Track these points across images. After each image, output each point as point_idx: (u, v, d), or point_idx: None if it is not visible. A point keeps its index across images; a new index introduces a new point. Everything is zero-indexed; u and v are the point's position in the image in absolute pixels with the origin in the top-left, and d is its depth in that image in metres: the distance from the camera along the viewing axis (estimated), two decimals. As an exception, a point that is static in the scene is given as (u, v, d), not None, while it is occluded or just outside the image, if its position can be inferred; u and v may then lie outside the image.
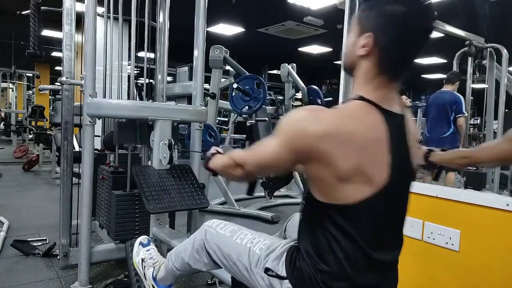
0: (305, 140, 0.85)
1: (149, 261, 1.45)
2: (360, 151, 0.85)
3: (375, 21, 0.89)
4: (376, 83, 0.91)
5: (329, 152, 0.84)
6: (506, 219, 1.25)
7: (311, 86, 4.71)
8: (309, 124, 0.85)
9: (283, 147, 0.90)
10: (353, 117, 0.88)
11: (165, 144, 2.07)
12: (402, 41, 0.88)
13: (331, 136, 0.84)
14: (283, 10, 6.31)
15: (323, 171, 0.87)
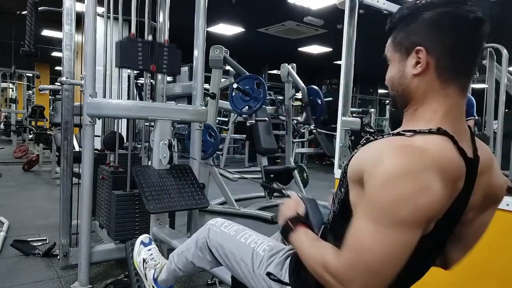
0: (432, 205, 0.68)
1: (151, 262, 1.45)
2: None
3: (418, 34, 0.77)
4: (448, 101, 0.77)
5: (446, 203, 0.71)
6: (506, 219, 1.25)
7: (311, 86, 4.71)
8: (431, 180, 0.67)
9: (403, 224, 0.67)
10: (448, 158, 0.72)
11: (165, 144, 2.07)
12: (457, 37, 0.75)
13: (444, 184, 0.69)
14: (283, 10, 6.31)
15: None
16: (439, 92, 0.77)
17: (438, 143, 0.72)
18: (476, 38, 0.76)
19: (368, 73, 11.14)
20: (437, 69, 0.76)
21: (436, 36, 0.76)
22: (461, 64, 0.77)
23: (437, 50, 0.76)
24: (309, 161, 7.76)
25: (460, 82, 0.78)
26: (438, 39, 0.76)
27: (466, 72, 0.79)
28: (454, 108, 0.78)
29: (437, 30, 0.76)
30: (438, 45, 0.76)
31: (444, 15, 0.76)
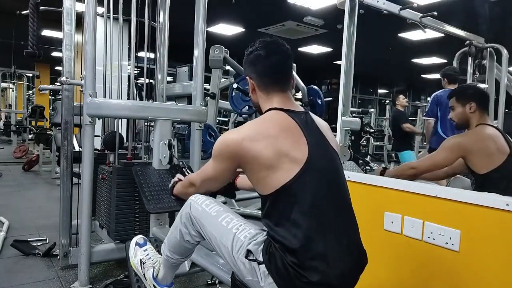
0: (232, 147, 1.13)
1: (148, 261, 1.45)
2: (275, 139, 1.11)
3: (246, 68, 1.29)
4: (271, 98, 1.24)
5: (253, 149, 1.10)
6: (506, 219, 1.25)
7: (311, 86, 4.70)
8: (232, 136, 1.15)
9: (219, 159, 1.19)
10: (266, 120, 1.18)
11: (165, 144, 2.07)
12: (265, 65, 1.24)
13: (250, 138, 1.11)
14: (283, 10, 6.31)
15: (254, 166, 1.11)
16: (266, 99, 1.26)
17: (267, 114, 1.21)
18: (268, 63, 1.24)
19: (368, 73, 11.15)
20: (258, 87, 1.27)
21: (249, 68, 1.27)
22: (268, 79, 1.25)
23: (253, 76, 1.27)
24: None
25: (275, 87, 1.24)
26: (251, 69, 1.27)
27: (276, 81, 1.25)
28: (280, 100, 1.24)
29: (248, 64, 1.28)
30: (252, 73, 1.27)
31: (250, 56, 1.27)
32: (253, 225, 1.18)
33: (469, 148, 1.86)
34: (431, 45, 7.71)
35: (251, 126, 1.18)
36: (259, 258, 1.08)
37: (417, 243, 1.49)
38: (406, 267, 1.39)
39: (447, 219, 1.41)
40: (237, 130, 1.18)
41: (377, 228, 1.58)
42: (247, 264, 1.09)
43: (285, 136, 1.12)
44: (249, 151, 1.10)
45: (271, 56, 1.23)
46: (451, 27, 2.85)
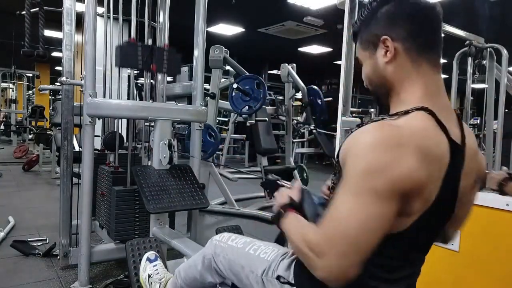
0: (403, 174, 0.69)
1: (155, 276, 1.45)
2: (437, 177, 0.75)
3: (379, 27, 0.85)
4: (423, 79, 0.82)
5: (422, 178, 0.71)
6: (506, 219, 1.25)
7: (311, 86, 4.71)
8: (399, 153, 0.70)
9: (377, 195, 0.69)
10: (428, 135, 0.75)
11: (165, 144, 2.07)
12: (414, 20, 0.83)
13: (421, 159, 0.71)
14: (283, 10, 6.31)
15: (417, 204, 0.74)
16: (412, 72, 0.83)
17: (418, 121, 0.76)
18: (430, 18, 0.84)
19: (368, 73, 11.12)
20: (405, 51, 0.83)
21: (396, 24, 0.83)
22: (424, 42, 0.84)
23: (400, 36, 0.83)
24: (309, 161, 7.77)
25: (429, 58, 0.84)
26: (398, 26, 0.83)
27: (431, 48, 0.84)
28: (430, 85, 0.83)
29: (395, 19, 0.84)
30: (400, 31, 0.83)
31: (398, 5, 0.84)
32: (278, 245, 1.09)
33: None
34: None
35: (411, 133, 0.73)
36: (291, 280, 0.95)
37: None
38: (406, 267, 1.38)
39: (447, 219, 1.40)
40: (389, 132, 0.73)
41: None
42: (279, 286, 0.97)
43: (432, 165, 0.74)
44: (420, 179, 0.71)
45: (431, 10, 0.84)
46: (451, 27, 2.85)
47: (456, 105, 5.48)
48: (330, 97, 5.55)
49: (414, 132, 0.73)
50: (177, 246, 1.82)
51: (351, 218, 0.70)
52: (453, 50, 3.66)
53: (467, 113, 4.13)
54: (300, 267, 0.93)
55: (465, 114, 4.21)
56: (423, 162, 0.71)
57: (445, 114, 0.80)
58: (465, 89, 3.85)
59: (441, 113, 0.78)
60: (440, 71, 0.85)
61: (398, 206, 0.71)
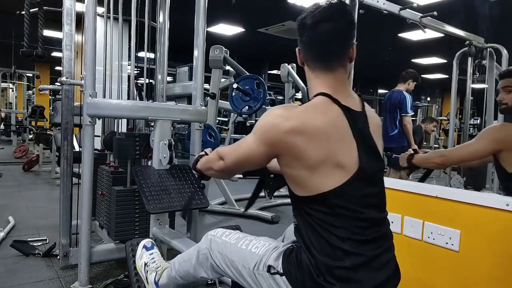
0: (276, 134, 0.97)
1: (152, 265, 1.45)
2: (325, 140, 0.96)
3: (298, 42, 1.10)
4: (320, 80, 1.07)
5: (298, 145, 0.95)
6: (506, 219, 1.25)
7: (311, 86, 4.71)
8: (280, 121, 0.97)
9: (258, 140, 1.02)
10: (317, 110, 1.00)
11: (165, 144, 2.07)
12: (314, 36, 1.06)
13: (298, 131, 0.95)
14: (283, 10, 6.31)
15: (294, 163, 0.98)
16: (311, 75, 1.09)
17: (313, 102, 1.03)
18: (318, 33, 1.05)
19: (368, 73, 11.13)
20: (306, 62, 1.10)
21: (299, 40, 1.10)
22: (315, 54, 1.08)
23: (302, 47, 1.10)
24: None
25: (321, 65, 1.07)
26: (300, 43, 1.10)
27: (321, 57, 1.07)
28: (329, 82, 1.06)
29: (299, 36, 1.09)
30: (302, 44, 1.09)
31: (298, 24, 1.09)
32: (271, 239, 1.16)
33: (509, 143, 1.65)
34: (431, 45, 7.71)
35: (301, 113, 0.98)
36: (280, 269, 1.03)
37: (417, 243, 1.49)
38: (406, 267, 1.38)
39: (447, 219, 1.41)
40: (287, 113, 0.98)
41: (377, 228, 1.58)
42: (269, 279, 1.04)
43: (335, 135, 0.97)
44: (294, 147, 0.95)
45: (319, 25, 1.03)
46: (451, 27, 2.86)
47: (456, 105, 5.49)
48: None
49: (302, 110, 1.00)
50: (177, 246, 1.82)
51: (245, 146, 1.07)
52: (453, 50, 3.66)
53: (467, 113, 4.14)
54: (288, 257, 1.03)
55: (465, 114, 4.22)
56: (299, 132, 0.95)
57: (343, 96, 1.03)
58: (465, 89, 3.85)
59: (337, 95, 1.02)
60: (335, 71, 1.06)
61: (268, 151, 1.02)
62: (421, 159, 1.88)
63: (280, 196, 4.73)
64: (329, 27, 1.03)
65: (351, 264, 0.95)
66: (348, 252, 0.95)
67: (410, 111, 4.02)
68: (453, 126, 4.55)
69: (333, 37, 1.04)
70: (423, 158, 1.88)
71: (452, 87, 3.84)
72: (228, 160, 1.12)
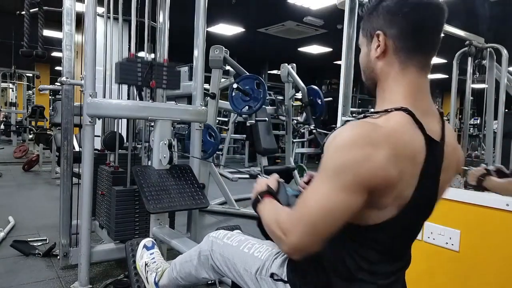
0: (372, 169, 0.74)
1: (152, 265, 1.45)
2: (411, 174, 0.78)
3: (378, 21, 0.86)
4: (407, 80, 0.85)
5: (389, 175, 0.75)
6: (506, 219, 1.25)
7: (311, 86, 4.71)
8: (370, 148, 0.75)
9: (343, 186, 0.75)
10: (403, 134, 0.78)
11: (165, 144, 2.07)
12: (408, 20, 0.84)
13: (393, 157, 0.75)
14: (283, 10, 6.31)
15: (385, 199, 0.78)
16: (399, 72, 0.85)
17: (395, 120, 0.79)
18: (425, 20, 0.84)
19: (368, 73, 11.12)
20: (395, 50, 0.85)
21: (392, 21, 0.84)
22: (416, 44, 0.84)
23: (393, 34, 0.84)
24: (309, 161, 7.76)
25: (418, 60, 0.85)
26: (394, 24, 0.84)
27: (422, 51, 0.85)
28: (414, 86, 0.85)
29: (392, 16, 0.84)
30: (394, 29, 0.84)
31: (399, 3, 0.84)
32: (273, 243, 1.10)
33: None
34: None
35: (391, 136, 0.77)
36: (284, 277, 0.98)
37: (417, 243, 1.49)
38: (406, 267, 1.38)
39: (447, 219, 1.41)
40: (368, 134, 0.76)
41: (377, 228, 1.58)
42: (271, 284, 1.00)
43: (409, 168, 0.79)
44: (387, 181, 0.76)
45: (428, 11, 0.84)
46: (451, 27, 2.85)
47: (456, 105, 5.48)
48: (330, 97, 5.54)
49: (389, 131, 0.77)
50: (177, 246, 1.82)
51: (316, 204, 0.78)
52: (453, 50, 3.66)
53: (467, 113, 4.14)
54: (293, 265, 0.97)
55: (465, 114, 4.22)
56: (394, 160, 0.75)
57: (426, 113, 0.84)
58: (465, 89, 3.85)
59: (421, 113, 0.82)
60: (427, 72, 0.87)
61: (364, 199, 0.76)
62: (499, 185, 1.52)
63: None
64: (437, 12, 0.85)
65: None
66: (362, 280, 0.87)
67: None
68: (453, 126, 4.55)
69: (438, 27, 0.86)
70: (502, 185, 1.53)
71: (452, 87, 3.83)
72: (295, 236, 0.80)
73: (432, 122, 0.85)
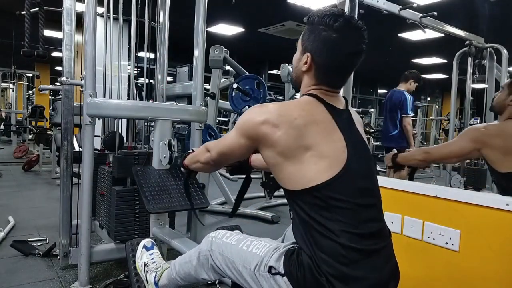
0: (250, 126, 1.06)
1: (152, 265, 1.45)
2: (303, 130, 1.00)
3: (313, 44, 1.08)
4: (315, 85, 1.11)
5: (268, 134, 1.02)
6: (506, 219, 1.25)
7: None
8: (256, 115, 1.06)
9: (238, 133, 1.11)
10: (297, 106, 1.07)
11: (165, 144, 2.07)
12: (335, 62, 1.08)
13: (270, 121, 1.02)
14: (283, 10, 6.31)
15: (267, 151, 1.05)
16: (314, 86, 1.11)
17: (298, 100, 1.11)
18: (345, 64, 1.09)
19: (368, 73, 11.14)
20: (314, 73, 1.10)
21: (322, 52, 1.07)
22: (330, 76, 1.10)
23: (318, 62, 1.08)
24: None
25: (332, 80, 1.11)
26: (322, 55, 1.07)
27: (334, 80, 1.12)
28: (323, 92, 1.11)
29: (324, 48, 1.06)
30: (320, 59, 1.08)
31: (332, 40, 1.05)
32: (272, 240, 1.16)
33: (487, 141, 1.70)
34: (431, 45, 7.71)
35: (276, 107, 1.05)
36: (281, 270, 1.03)
37: (417, 243, 1.49)
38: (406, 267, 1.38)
39: (447, 219, 1.41)
40: (262, 108, 1.07)
41: (377, 228, 1.58)
42: (270, 280, 1.04)
43: (315, 128, 1.02)
44: (264, 136, 1.03)
45: (344, 50, 1.07)
46: (451, 27, 2.85)
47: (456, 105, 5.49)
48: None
49: (279, 105, 1.06)
50: (177, 246, 1.82)
51: (228, 139, 1.18)
52: (453, 50, 3.66)
53: (467, 113, 4.14)
54: (289, 258, 1.03)
55: (465, 114, 4.22)
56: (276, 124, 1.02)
57: (329, 97, 1.10)
58: (465, 89, 3.85)
59: (324, 96, 1.09)
60: (339, 91, 1.14)
61: (249, 143, 1.10)
62: (404, 156, 1.94)
63: (280, 196, 4.73)
64: (354, 58, 1.09)
65: (351, 259, 0.95)
66: (344, 245, 0.95)
67: (411, 112, 4.02)
68: (453, 126, 4.55)
69: (353, 66, 1.12)
70: (406, 155, 1.95)
71: (452, 87, 3.84)
72: (214, 152, 1.24)
73: (337, 101, 1.12)
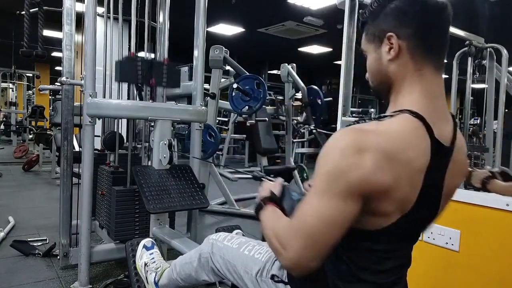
0: (360, 176, 0.72)
1: (152, 265, 1.45)
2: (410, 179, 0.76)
3: (387, 23, 0.83)
4: (423, 82, 0.81)
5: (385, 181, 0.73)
6: (506, 219, 1.25)
7: (311, 86, 4.71)
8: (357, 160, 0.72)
9: (331, 193, 0.73)
10: (400, 138, 0.75)
11: (165, 144, 2.07)
12: (422, 20, 0.82)
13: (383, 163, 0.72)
14: (283, 10, 6.31)
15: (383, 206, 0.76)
16: (414, 73, 0.82)
17: (396, 124, 0.77)
18: (439, 19, 0.83)
19: (368, 73, 11.14)
20: (409, 51, 0.81)
21: (403, 21, 0.81)
22: (431, 43, 0.82)
23: (406, 34, 0.81)
24: (309, 161, 7.75)
25: (433, 61, 0.83)
26: (406, 24, 0.81)
27: (437, 50, 0.84)
28: (429, 87, 0.82)
29: (403, 16, 0.81)
30: (406, 29, 0.81)
31: (408, 2, 0.82)
32: None
33: None
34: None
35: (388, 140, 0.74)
36: (285, 278, 0.99)
37: (417, 243, 1.49)
38: (406, 267, 1.39)
39: (447, 219, 1.41)
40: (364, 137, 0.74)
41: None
42: (272, 286, 1.01)
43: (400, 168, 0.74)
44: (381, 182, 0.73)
45: (441, 11, 0.83)
46: (451, 27, 2.85)
47: (456, 105, 5.48)
48: (330, 97, 5.54)
49: (380, 135, 0.74)
50: (177, 246, 1.82)
51: (312, 215, 0.75)
52: (453, 50, 3.66)
53: (467, 113, 4.14)
54: None
55: (465, 114, 4.22)
56: (386, 165, 0.72)
57: (438, 116, 0.81)
58: (465, 89, 3.85)
59: (435, 116, 0.79)
60: (442, 73, 0.84)
61: (359, 206, 0.74)
62: (503, 189, 1.50)
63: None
64: (445, 10, 0.83)
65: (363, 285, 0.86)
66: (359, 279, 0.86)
67: None
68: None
69: (448, 25, 0.86)
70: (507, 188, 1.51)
71: (452, 87, 3.83)
72: (293, 250, 0.77)
73: (444, 126, 0.82)
